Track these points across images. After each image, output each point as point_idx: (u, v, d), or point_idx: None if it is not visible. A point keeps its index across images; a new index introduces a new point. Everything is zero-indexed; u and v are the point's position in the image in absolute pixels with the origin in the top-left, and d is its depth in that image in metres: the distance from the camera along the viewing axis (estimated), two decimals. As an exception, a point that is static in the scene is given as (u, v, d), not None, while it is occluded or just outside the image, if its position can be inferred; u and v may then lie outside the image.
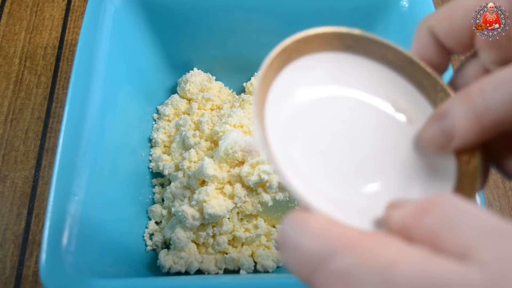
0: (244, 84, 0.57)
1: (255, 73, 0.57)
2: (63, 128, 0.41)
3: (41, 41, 0.67)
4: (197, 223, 0.46)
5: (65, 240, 0.37)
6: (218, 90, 0.57)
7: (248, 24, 0.53)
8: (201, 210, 0.46)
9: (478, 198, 0.23)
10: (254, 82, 0.31)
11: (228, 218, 0.47)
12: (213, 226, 0.47)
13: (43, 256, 0.36)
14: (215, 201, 0.45)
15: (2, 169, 0.58)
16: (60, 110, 0.62)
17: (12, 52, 0.66)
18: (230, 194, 0.47)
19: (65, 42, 0.67)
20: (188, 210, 0.46)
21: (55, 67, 0.65)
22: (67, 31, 0.68)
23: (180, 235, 0.46)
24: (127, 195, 0.48)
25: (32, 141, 0.60)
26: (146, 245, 0.49)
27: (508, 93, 0.20)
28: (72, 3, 0.70)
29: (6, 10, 0.70)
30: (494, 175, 0.58)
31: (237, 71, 0.58)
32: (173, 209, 0.48)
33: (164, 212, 0.50)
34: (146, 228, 0.50)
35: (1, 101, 0.62)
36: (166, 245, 0.49)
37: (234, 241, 0.48)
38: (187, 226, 0.46)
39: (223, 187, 0.47)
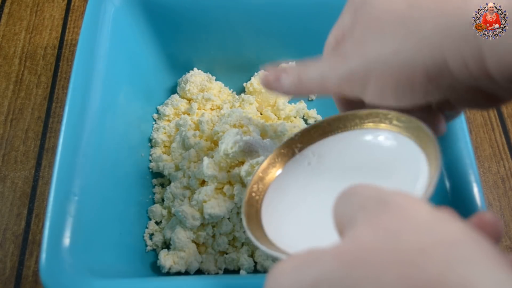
0: (244, 84, 0.57)
1: (255, 73, 0.57)
2: (63, 128, 0.41)
3: (41, 41, 0.67)
4: (197, 223, 0.46)
5: (65, 240, 0.37)
6: (218, 90, 0.57)
7: (248, 24, 0.53)
8: (201, 210, 0.46)
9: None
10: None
11: (228, 218, 0.47)
12: (213, 226, 0.47)
13: (43, 256, 0.36)
14: (215, 201, 0.45)
15: (2, 169, 0.58)
16: (60, 110, 0.62)
17: (12, 52, 0.66)
18: (230, 194, 0.46)
19: (65, 42, 0.67)
20: (188, 210, 0.46)
21: (55, 67, 0.65)
22: (67, 31, 0.68)
23: (180, 235, 0.46)
24: (127, 195, 0.48)
25: (32, 141, 0.60)
26: (146, 245, 0.49)
27: (315, 74, 0.33)
28: (72, 3, 0.70)
29: (6, 10, 0.70)
30: (494, 175, 0.58)
31: (237, 71, 0.58)
32: (173, 209, 0.48)
33: (164, 212, 0.50)
34: (146, 228, 0.49)
35: (1, 101, 0.62)
36: (166, 245, 0.49)
37: (234, 241, 0.48)
38: (187, 226, 0.46)
39: (223, 187, 0.47)
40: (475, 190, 0.40)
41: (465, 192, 0.40)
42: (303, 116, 0.59)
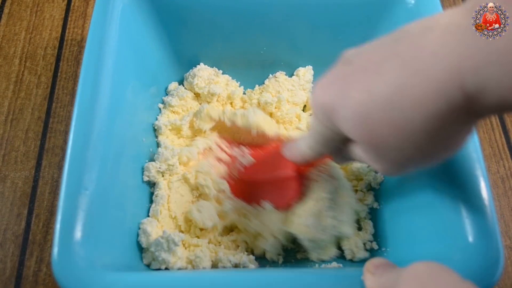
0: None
1: (270, 75, 0.58)
2: (73, 122, 0.40)
3: (41, 41, 0.67)
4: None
5: (76, 233, 0.36)
6: (225, 83, 0.58)
7: (255, 20, 0.53)
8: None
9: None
10: None
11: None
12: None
13: (55, 249, 0.35)
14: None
15: (2, 169, 0.57)
16: (60, 110, 0.61)
17: (12, 52, 0.66)
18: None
19: (65, 42, 0.67)
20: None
21: (55, 67, 0.65)
22: (67, 31, 0.68)
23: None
24: (137, 190, 0.47)
25: (32, 141, 0.59)
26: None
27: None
28: (72, 3, 0.70)
29: (6, 10, 0.70)
30: (494, 175, 0.59)
31: (244, 67, 0.58)
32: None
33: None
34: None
35: (1, 101, 0.62)
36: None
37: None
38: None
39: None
40: (482, 184, 0.40)
41: (473, 187, 0.40)
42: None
